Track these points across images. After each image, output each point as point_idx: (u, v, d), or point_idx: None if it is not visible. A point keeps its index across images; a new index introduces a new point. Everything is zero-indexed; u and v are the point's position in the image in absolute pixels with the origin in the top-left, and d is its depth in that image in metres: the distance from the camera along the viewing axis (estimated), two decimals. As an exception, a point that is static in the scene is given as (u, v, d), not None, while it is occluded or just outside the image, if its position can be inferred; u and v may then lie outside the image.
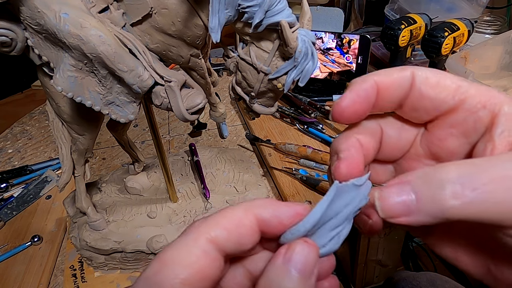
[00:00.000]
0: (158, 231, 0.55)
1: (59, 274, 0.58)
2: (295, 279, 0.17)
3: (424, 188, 0.17)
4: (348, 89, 0.21)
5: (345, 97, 0.20)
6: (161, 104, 0.41)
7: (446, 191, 0.16)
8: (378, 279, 1.00)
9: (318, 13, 1.08)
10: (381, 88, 0.20)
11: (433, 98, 0.20)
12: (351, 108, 0.20)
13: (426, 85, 0.20)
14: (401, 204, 0.17)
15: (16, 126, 0.97)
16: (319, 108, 0.85)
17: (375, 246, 0.88)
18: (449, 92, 0.19)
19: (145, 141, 0.88)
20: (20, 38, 0.39)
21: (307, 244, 0.18)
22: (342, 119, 0.21)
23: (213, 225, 0.19)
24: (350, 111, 0.20)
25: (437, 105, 0.20)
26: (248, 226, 0.19)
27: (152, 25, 0.38)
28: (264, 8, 0.34)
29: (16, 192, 0.73)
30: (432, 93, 0.20)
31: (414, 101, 0.20)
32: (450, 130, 0.20)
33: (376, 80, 0.20)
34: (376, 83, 0.20)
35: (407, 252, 1.14)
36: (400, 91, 0.20)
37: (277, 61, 0.38)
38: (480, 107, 0.19)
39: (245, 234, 0.19)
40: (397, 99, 0.21)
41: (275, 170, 0.71)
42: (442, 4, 1.05)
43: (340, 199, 0.19)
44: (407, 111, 0.21)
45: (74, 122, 0.47)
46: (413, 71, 0.20)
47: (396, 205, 0.17)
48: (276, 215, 0.19)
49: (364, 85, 0.20)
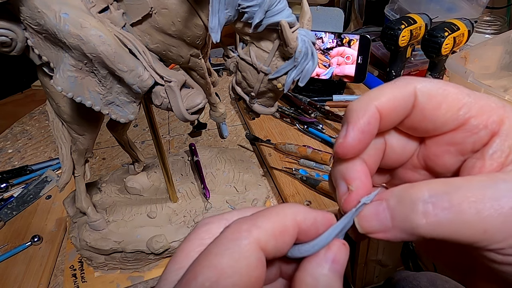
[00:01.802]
0: (158, 231, 0.55)
1: (59, 274, 0.58)
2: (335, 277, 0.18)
3: (398, 207, 0.17)
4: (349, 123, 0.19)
5: (348, 134, 0.19)
6: (161, 104, 0.41)
7: (417, 210, 0.16)
8: (378, 279, 1.00)
9: (318, 13, 1.08)
10: (383, 114, 0.19)
11: (436, 119, 0.19)
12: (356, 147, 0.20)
13: (429, 106, 0.19)
14: (377, 222, 0.18)
15: (16, 126, 0.97)
16: (319, 108, 0.85)
17: (375, 246, 0.88)
18: (452, 114, 0.19)
19: (145, 141, 0.88)
20: (20, 38, 0.39)
21: (345, 246, 0.19)
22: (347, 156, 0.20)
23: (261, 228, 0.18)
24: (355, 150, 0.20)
25: (439, 126, 0.19)
26: (292, 234, 0.18)
27: (152, 25, 0.38)
28: (264, 8, 0.34)
29: (16, 192, 0.73)
30: (434, 114, 0.19)
31: (415, 121, 0.20)
32: (447, 148, 0.20)
33: (377, 106, 0.19)
34: (377, 110, 0.19)
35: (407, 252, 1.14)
36: (403, 112, 0.20)
37: (277, 61, 0.38)
38: (482, 128, 0.18)
39: (287, 242, 0.18)
40: (398, 120, 0.20)
41: (275, 170, 0.71)
42: (442, 4, 1.05)
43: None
44: (406, 128, 0.21)
45: (74, 122, 0.47)
46: (416, 89, 0.19)
47: (373, 223, 0.18)
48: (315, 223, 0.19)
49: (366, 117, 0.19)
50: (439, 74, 0.87)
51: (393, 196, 0.18)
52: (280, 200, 0.67)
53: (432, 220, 0.16)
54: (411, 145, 0.22)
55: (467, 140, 0.19)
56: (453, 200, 0.16)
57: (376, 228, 0.18)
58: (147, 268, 0.56)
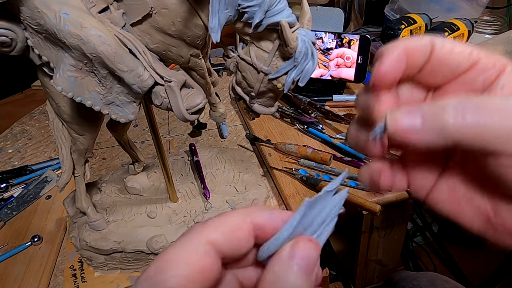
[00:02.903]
0: (158, 231, 0.55)
1: (59, 274, 0.58)
2: (300, 275, 0.18)
3: (430, 110, 0.19)
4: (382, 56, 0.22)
5: (383, 63, 0.21)
6: (161, 104, 0.41)
7: (448, 113, 0.18)
8: (378, 279, 1.00)
9: (318, 13, 1.08)
10: (409, 54, 0.21)
11: (450, 62, 0.21)
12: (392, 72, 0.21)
13: (443, 51, 0.21)
14: (409, 123, 0.19)
15: (16, 126, 0.97)
16: (319, 108, 0.85)
17: (375, 246, 0.88)
18: (464, 56, 0.21)
19: (145, 141, 0.88)
20: (20, 38, 0.39)
21: (311, 242, 0.19)
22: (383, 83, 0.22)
23: (213, 228, 0.20)
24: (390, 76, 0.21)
25: (454, 69, 0.21)
26: (245, 230, 0.20)
27: (152, 25, 0.38)
28: (264, 8, 0.34)
29: (16, 192, 0.73)
30: (449, 58, 0.21)
31: (433, 67, 0.22)
32: (459, 89, 0.22)
33: (405, 46, 0.21)
34: (405, 49, 0.21)
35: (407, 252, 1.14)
36: (423, 57, 0.22)
37: (277, 61, 0.38)
38: (490, 67, 0.20)
39: (242, 238, 0.20)
40: (419, 64, 0.22)
41: (275, 170, 0.71)
42: (442, 4, 1.05)
43: (314, 208, 0.21)
44: (425, 75, 0.23)
45: (74, 122, 0.47)
46: (432, 39, 0.22)
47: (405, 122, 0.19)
48: (271, 219, 0.20)
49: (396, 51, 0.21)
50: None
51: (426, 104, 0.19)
52: (280, 200, 0.67)
53: (460, 121, 0.18)
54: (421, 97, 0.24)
55: (478, 79, 0.21)
56: (480, 106, 0.17)
57: (405, 129, 0.19)
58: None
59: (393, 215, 0.85)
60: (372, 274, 0.97)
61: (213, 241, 0.19)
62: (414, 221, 1.33)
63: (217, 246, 0.19)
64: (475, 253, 1.27)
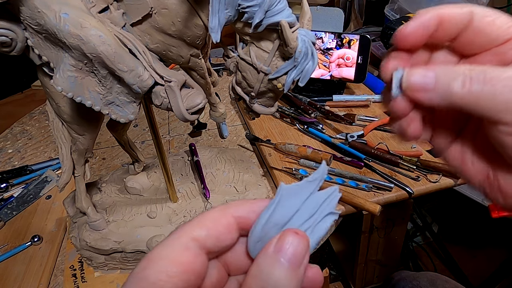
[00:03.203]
0: (158, 231, 0.55)
1: (59, 274, 0.58)
2: (285, 269, 0.18)
3: (443, 75, 0.21)
4: (413, 18, 0.23)
5: (409, 24, 0.23)
6: (161, 104, 0.41)
7: (458, 79, 0.20)
8: (378, 279, 1.00)
9: (318, 13, 1.08)
10: (444, 20, 0.23)
11: (489, 34, 0.22)
12: (414, 34, 0.23)
13: (483, 22, 0.22)
14: (422, 82, 0.21)
15: (16, 126, 0.97)
16: (319, 108, 0.85)
17: (375, 246, 0.88)
18: (503, 29, 0.22)
19: (145, 141, 0.88)
20: (20, 38, 0.39)
21: (297, 235, 0.19)
22: (403, 43, 0.23)
23: (195, 225, 0.21)
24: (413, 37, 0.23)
25: (491, 40, 0.22)
26: (225, 224, 0.21)
27: (152, 25, 0.38)
28: (264, 8, 0.34)
29: (16, 192, 0.73)
30: (488, 29, 0.22)
31: (471, 36, 0.23)
32: (490, 59, 0.23)
33: (439, 13, 0.23)
34: (438, 15, 0.22)
35: (407, 252, 1.14)
36: (460, 24, 0.23)
37: (277, 61, 0.38)
38: None
39: (223, 232, 0.21)
40: (455, 32, 0.23)
41: (275, 170, 0.71)
42: (442, 4, 1.04)
43: (294, 197, 0.20)
44: (461, 44, 0.24)
45: (74, 122, 0.47)
46: (472, 9, 0.22)
47: (419, 81, 0.21)
48: (252, 210, 0.21)
49: (428, 16, 0.22)
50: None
51: (441, 68, 0.21)
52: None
53: (467, 89, 0.20)
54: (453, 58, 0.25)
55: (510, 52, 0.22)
56: (487, 76, 0.19)
57: (419, 87, 0.21)
58: (147, 268, 0.56)
59: (393, 215, 0.85)
60: (372, 274, 0.97)
61: (196, 237, 0.20)
62: (414, 221, 1.34)
63: (200, 241, 0.20)
64: (475, 253, 1.27)
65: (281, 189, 0.20)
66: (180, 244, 0.20)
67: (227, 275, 0.23)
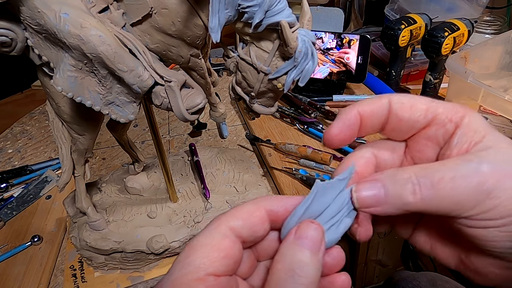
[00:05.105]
0: (158, 231, 0.55)
1: (59, 274, 0.58)
2: (306, 253, 0.20)
3: (391, 185, 0.21)
4: (335, 119, 0.25)
5: (333, 126, 0.24)
6: (161, 104, 0.41)
7: (407, 189, 0.21)
8: (378, 279, 1.00)
9: (318, 13, 1.08)
10: (364, 116, 0.24)
11: (408, 119, 0.23)
12: (339, 135, 0.24)
13: (401, 110, 0.23)
14: (372, 197, 0.22)
15: (16, 126, 0.97)
16: (319, 108, 0.85)
17: (375, 246, 0.88)
18: (421, 113, 0.23)
19: (145, 141, 0.88)
20: (20, 38, 0.39)
21: (313, 224, 0.22)
22: (332, 145, 0.25)
23: (231, 216, 0.23)
24: (338, 138, 0.24)
25: (412, 125, 0.24)
26: (258, 216, 0.23)
27: (152, 25, 0.38)
28: (264, 8, 0.34)
29: (16, 192, 0.73)
30: (406, 115, 0.23)
31: (393, 124, 0.24)
32: (425, 142, 0.24)
33: (359, 110, 0.24)
34: (358, 112, 0.24)
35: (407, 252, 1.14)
36: (380, 117, 0.24)
37: (277, 61, 0.38)
38: (447, 121, 0.22)
39: (257, 223, 0.23)
40: (378, 124, 0.24)
41: (275, 170, 0.71)
42: (442, 4, 1.04)
43: (326, 194, 0.23)
44: (388, 132, 0.25)
45: (74, 122, 0.47)
46: (390, 98, 0.24)
47: (369, 197, 0.22)
48: (281, 205, 0.23)
49: (349, 115, 0.24)
50: (439, 74, 0.87)
51: (387, 177, 0.22)
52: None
53: (418, 197, 0.20)
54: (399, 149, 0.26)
55: (438, 133, 0.23)
56: (434, 180, 0.20)
57: (370, 203, 0.22)
58: (147, 268, 0.56)
59: (393, 215, 0.85)
60: (372, 274, 0.97)
61: (232, 226, 0.22)
62: (414, 221, 1.33)
63: (236, 231, 0.22)
64: (475, 253, 1.27)
65: (316, 185, 0.22)
66: (219, 233, 0.22)
67: (257, 261, 0.25)
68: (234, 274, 0.23)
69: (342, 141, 0.24)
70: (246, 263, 0.24)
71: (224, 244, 0.21)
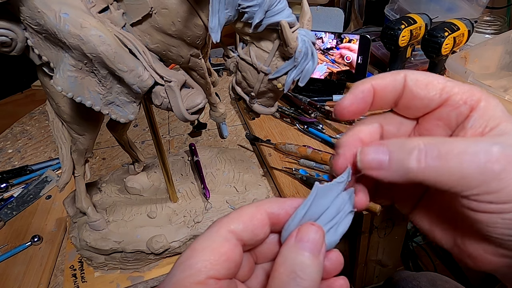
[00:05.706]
0: (158, 231, 0.55)
1: (59, 274, 0.58)
2: (307, 255, 0.21)
3: (396, 151, 0.21)
4: (349, 91, 0.24)
5: (346, 98, 0.24)
6: (161, 104, 0.41)
7: (412, 156, 0.20)
8: (378, 279, 1.00)
9: (318, 13, 1.08)
10: (377, 89, 0.23)
11: (423, 97, 0.23)
12: (350, 107, 0.24)
13: (416, 87, 0.23)
14: (376, 160, 0.21)
15: (16, 126, 0.97)
16: (319, 108, 0.85)
17: (375, 246, 0.88)
18: (436, 92, 0.22)
19: (145, 141, 0.88)
20: (20, 38, 0.39)
21: (314, 226, 0.22)
22: (343, 117, 0.24)
23: (232, 219, 0.23)
24: (349, 110, 0.24)
25: (426, 103, 0.23)
26: (259, 219, 0.23)
27: (152, 25, 0.38)
28: (264, 8, 0.34)
29: (16, 192, 0.73)
30: (422, 93, 0.23)
31: (407, 100, 0.23)
32: (436, 122, 0.23)
33: (373, 83, 0.23)
34: (372, 85, 0.23)
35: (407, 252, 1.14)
36: (394, 92, 0.23)
37: (277, 61, 0.38)
38: (462, 103, 0.22)
39: (258, 226, 0.23)
40: (392, 99, 0.24)
41: (275, 170, 0.71)
42: (442, 4, 1.04)
43: (325, 196, 0.23)
44: (401, 109, 0.25)
45: (74, 122, 0.47)
46: (405, 74, 0.23)
47: (373, 159, 0.21)
48: (282, 208, 0.23)
49: (362, 87, 0.24)
50: (439, 74, 0.87)
51: (394, 143, 0.21)
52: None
53: (422, 165, 0.20)
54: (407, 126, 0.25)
55: (451, 114, 0.22)
56: (441, 151, 0.19)
57: (373, 165, 0.21)
58: (147, 268, 0.56)
59: (393, 215, 0.85)
60: (372, 274, 0.97)
61: (233, 230, 0.22)
62: (414, 221, 1.33)
63: (237, 234, 0.22)
64: (475, 253, 1.27)
65: (316, 188, 0.22)
66: (220, 236, 0.22)
67: (255, 264, 0.25)
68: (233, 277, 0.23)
69: (354, 113, 0.24)
70: (245, 266, 0.24)
71: (225, 248, 0.21)
